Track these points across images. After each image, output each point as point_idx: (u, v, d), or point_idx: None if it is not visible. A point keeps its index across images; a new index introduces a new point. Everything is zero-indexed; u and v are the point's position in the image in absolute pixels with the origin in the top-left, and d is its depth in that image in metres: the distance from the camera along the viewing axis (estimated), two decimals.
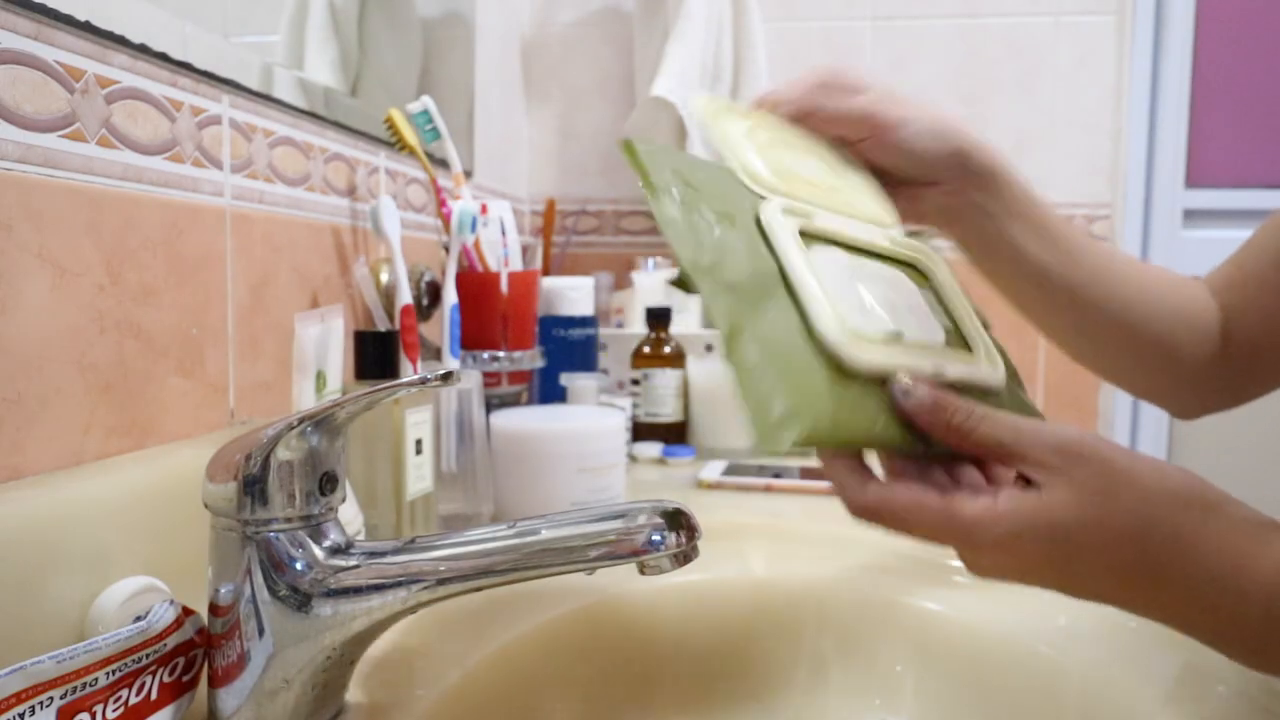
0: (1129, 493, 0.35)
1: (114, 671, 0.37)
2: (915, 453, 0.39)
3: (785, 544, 0.70)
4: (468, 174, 1.11)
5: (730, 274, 0.37)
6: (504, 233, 0.89)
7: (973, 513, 0.35)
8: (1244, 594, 0.34)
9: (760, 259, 0.39)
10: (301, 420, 0.40)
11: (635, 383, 1.07)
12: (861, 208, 0.49)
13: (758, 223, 0.41)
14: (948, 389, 0.38)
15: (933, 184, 0.54)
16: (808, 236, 0.42)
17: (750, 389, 0.34)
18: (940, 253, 0.51)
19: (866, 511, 0.37)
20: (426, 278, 0.84)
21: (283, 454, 0.39)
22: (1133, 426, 1.44)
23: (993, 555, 0.36)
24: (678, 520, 0.39)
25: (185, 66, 0.56)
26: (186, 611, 0.41)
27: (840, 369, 0.37)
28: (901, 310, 0.43)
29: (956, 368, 0.41)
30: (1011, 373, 0.47)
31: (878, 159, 0.53)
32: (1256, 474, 1.38)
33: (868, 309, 0.41)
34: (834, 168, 0.50)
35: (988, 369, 0.44)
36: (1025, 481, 0.36)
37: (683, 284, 0.41)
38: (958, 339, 0.45)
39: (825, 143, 0.52)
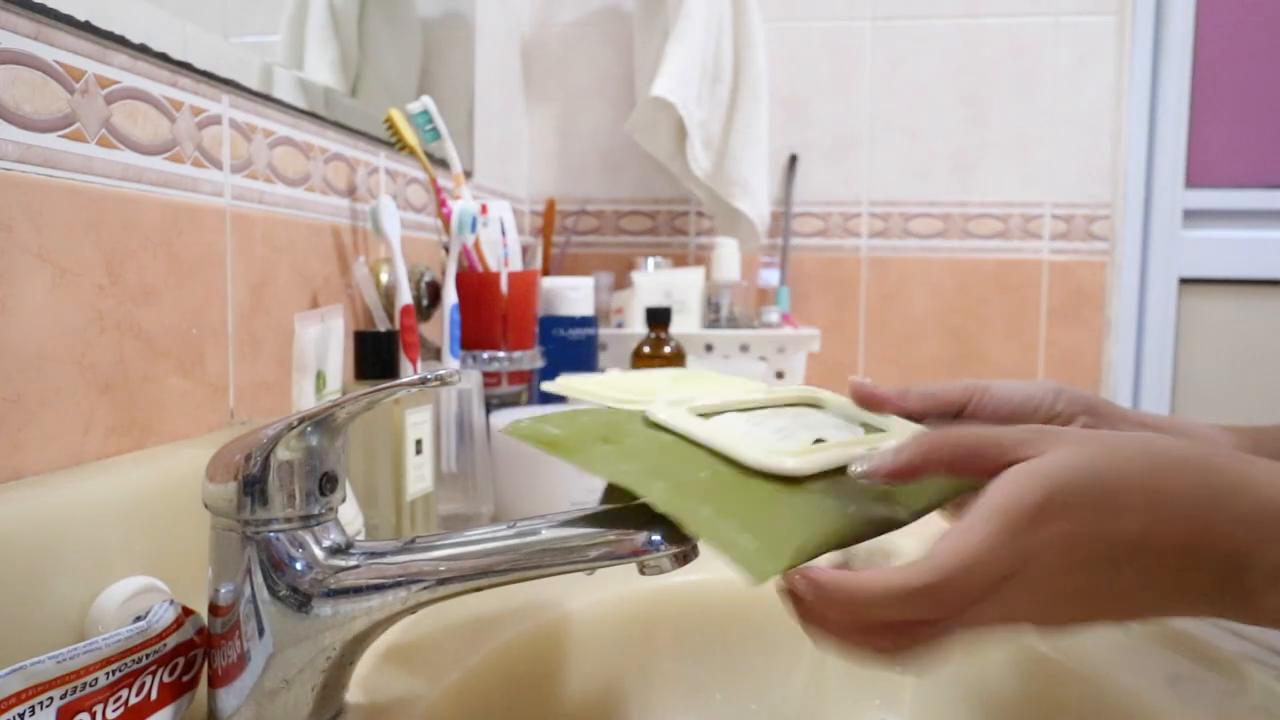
0: (1125, 439, 0.34)
1: (114, 671, 0.37)
2: (898, 525, 0.38)
3: None
4: (468, 174, 1.11)
5: (652, 467, 0.38)
6: (504, 233, 0.89)
7: (1007, 487, 0.33)
8: (1260, 502, 0.33)
9: (669, 448, 0.40)
10: (301, 420, 0.40)
11: None
12: (731, 387, 0.50)
13: (649, 424, 0.42)
14: None
15: (1065, 423, 0.50)
16: (698, 415, 0.43)
17: (717, 538, 0.34)
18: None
19: (895, 600, 0.32)
20: (426, 278, 0.84)
21: (283, 454, 0.39)
22: None
23: (1039, 529, 0.32)
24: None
25: (185, 66, 0.56)
26: (186, 611, 0.41)
27: (787, 481, 0.37)
28: (814, 426, 0.44)
29: (893, 441, 0.42)
30: None
31: (990, 422, 0.50)
32: None
33: (785, 436, 0.42)
34: (687, 377, 0.53)
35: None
36: None
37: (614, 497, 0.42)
38: (876, 430, 0.46)
39: (683, 372, 0.54)
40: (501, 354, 0.86)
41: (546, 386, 0.52)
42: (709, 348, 1.20)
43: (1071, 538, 0.33)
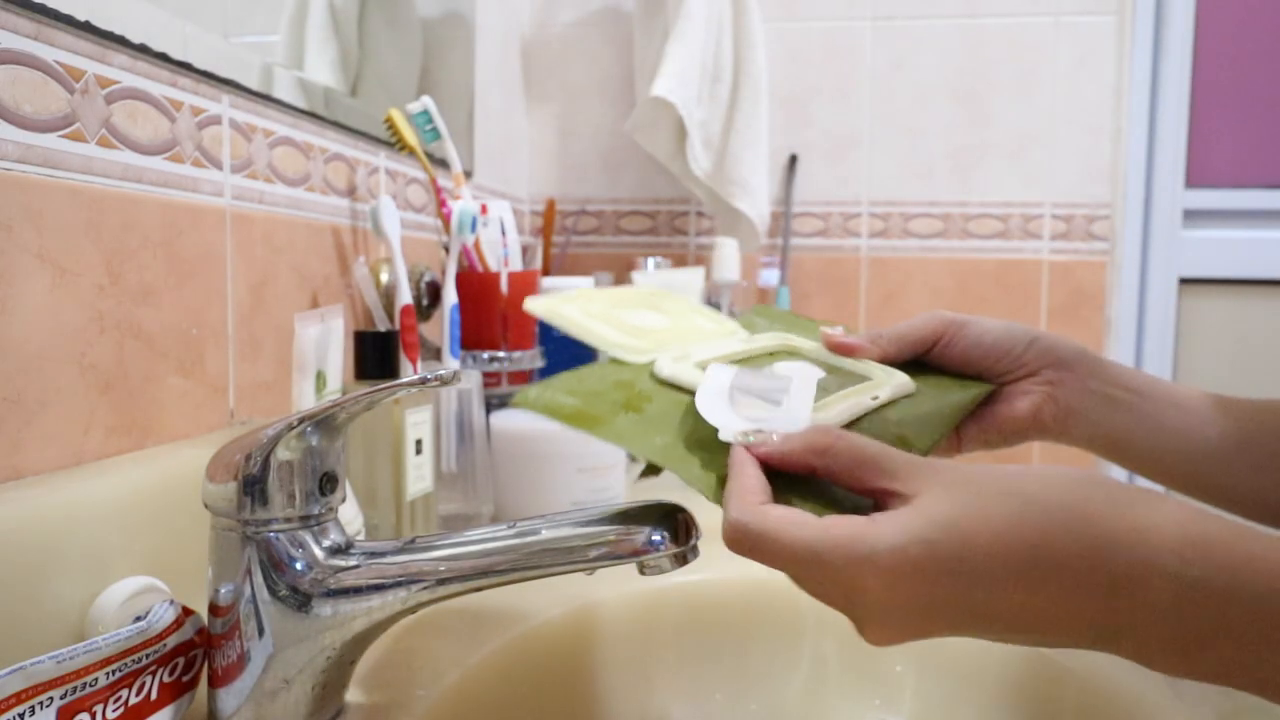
0: (994, 482, 0.32)
1: (114, 671, 0.37)
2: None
3: None
4: (468, 174, 1.10)
5: (683, 441, 0.40)
6: (504, 233, 0.89)
7: (849, 529, 0.32)
8: (1151, 560, 0.30)
9: (689, 412, 0.41)
10: (301, 420, 0.40)
11: None
12: (709, 333, 0.51)
13: (659, 381, 0.44)
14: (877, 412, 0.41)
15: (1029, 375, 0.50)
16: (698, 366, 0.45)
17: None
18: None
19: (736, 530, 0.34)
20: (426, 278, 0.84)
21: (283, 454, 0.39)
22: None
23: (882, 581, 0.32)
24: (678, 520, 0.39)
25: (185, 66, 0.56)
26: (186, 611, 0.41)
27: None
28: (807, 380, 0.45)
29: (884, 390, 0.44)
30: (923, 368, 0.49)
31: (956, 363, 0.50)
32: None
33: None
34: (663, 310, 0.53)
35: (898, 379, 0.46)
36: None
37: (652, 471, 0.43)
38: (855, 377, 0.47)
39: (644, 290, 0.55)
40: (501, 354, 0.86)
41: (529, 305, 0.50)
42: None
43: (908, 597, 0.32)
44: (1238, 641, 0.30)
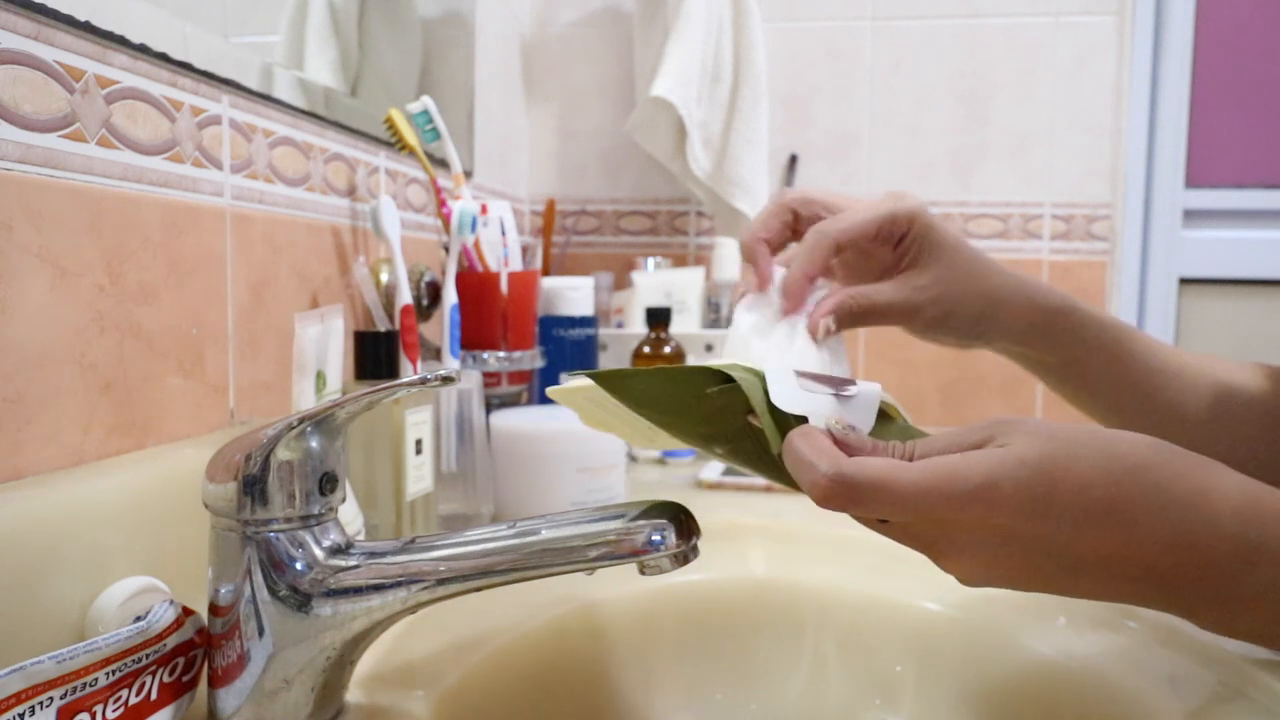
0: (1079, 436, 0.34)
1: (114, 672, 0.37)
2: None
3: (785, 544, 0.71)
4: (468, 174, 1.11)
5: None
6: (504, 233, 0.89)
7: (949, 463, 0.33)
8: (1213, 520, 0.33)
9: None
10: (301, 420, 0.40)
11: None
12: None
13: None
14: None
15: (908, 248, 0.56)
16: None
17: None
18: None
19: (837, 482, 0.34)
20: (426, 278, 0.84)
21: (283, 454, 0.39)
22: None
23: (972, 511, 0.33)
24: (678, 520, 0.39)
25: (185, 66, 0.56)
26: (186, 611, 0.41)
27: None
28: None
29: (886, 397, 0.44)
30: None
31: (845, 233, 0.55)
32: None
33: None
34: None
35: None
36: None
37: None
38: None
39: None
40: (501, 354, 0.86)
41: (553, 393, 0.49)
42: (709, 348, 1.20)
43: (998, 530, 0.34)
44: None
